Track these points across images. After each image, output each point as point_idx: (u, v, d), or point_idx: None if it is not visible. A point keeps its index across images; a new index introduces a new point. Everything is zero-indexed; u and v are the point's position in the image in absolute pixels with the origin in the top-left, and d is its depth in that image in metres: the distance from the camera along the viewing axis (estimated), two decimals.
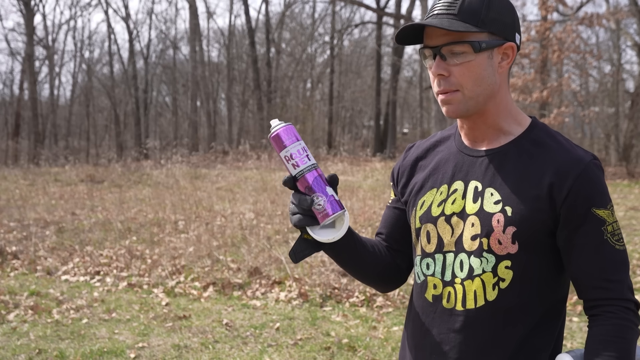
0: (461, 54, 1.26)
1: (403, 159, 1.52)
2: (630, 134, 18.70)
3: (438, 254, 1.35)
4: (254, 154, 20.56)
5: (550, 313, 1.32)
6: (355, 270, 1.46)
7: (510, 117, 1.35)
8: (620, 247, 1.26)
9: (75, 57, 37.01)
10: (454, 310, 1.32)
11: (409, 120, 39.45)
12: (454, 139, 1.43)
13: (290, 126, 1.28)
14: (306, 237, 1.34)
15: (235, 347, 4.30)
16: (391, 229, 1.52)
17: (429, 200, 1.39)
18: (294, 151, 1.27)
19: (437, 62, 1.28)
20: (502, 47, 1.29)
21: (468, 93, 1.29)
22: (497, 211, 1.28)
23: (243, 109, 32.34)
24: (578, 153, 1.28)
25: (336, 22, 31.06)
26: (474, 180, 1.34)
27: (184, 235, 7.96)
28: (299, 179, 1.27)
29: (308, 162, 1.27)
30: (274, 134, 1.28)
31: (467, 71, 1.27)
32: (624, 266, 1.26)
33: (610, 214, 1.26)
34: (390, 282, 1.54)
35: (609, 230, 1.25)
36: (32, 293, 5.53)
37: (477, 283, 1.29)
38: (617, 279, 1.25)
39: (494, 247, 1.28)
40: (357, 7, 30.41)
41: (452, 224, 1.34)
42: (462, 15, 1.26)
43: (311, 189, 1.27)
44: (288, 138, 1.27)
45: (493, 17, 1.27)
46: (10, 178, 15.41)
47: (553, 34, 15.71)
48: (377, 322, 4.79)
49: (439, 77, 1.29)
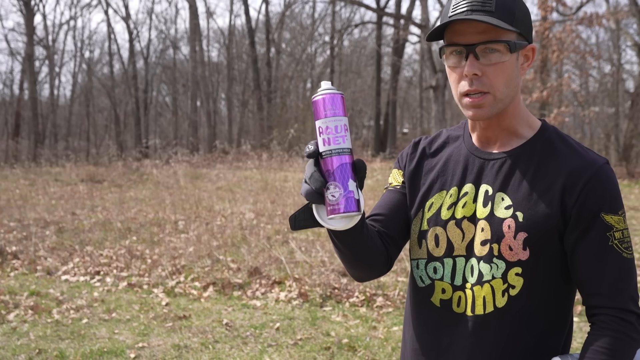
0: (496, 52, 1.22)
1: (412, 148, 1.45)
2: (630, 134, 18.70)
3: (447, 258, 1.32)
4: (255, 154, 20.56)
5: (558, 320, 1.30)
6: (348, 257, 1.29)
7: (523, 119, 1.32)
8: (628, 255, 1.21)
9: (75, 57, 37.04)
10: (464, 315, 1.29)
11: (409, 120, 39.45)
12: (463, 139, 1.39)
13: (339, 95, 1.13)
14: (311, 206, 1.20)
15: (235, 347, 4.30)
16: (391, 213, 1.39)
17: (437, 203, 1.35)
18: (332, 126, 1.11)
19: (471, 61, 1.22)
20: (525, 49, 1.27)
21: (499, 95, 1.24)
22: (507, 216, 1.25)
23: (243, 109, 32.35)
24: (591, 156, 1.25)
25: (336, 22, 31.08)
26: (485, 184, 1.30)
27: (184, 235, 7.96)
28: (324, 158, 1.12)
29: (342, 144, 1.11)
30: (318, 98, 1.13)
31: (501, 72, 1.23)
32: (629, 275, 1.21)
33: (621, 220, 1.22)
34: (373, 274, 1.38)
35: (617, 237, 1.21)
36: (32, 293, 5.53)
37: (487, 289, 1.26)
38: (619, 288, 1.20)
39: (504, 253, 1.24)
40: (357, 7, 30.41)
41: (463, 228, 1.30)
42: (499, 13, 1.20)
43: (332, 174, 1.11)
44: (331, 108, 1.11)
45: (521, 17, 1.24)
46: (10, 178, 15.41)
47: (553, 34, 15.71)
48: (377, 322, 4.79)
49: (473, 77, 1.23)
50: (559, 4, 16.34)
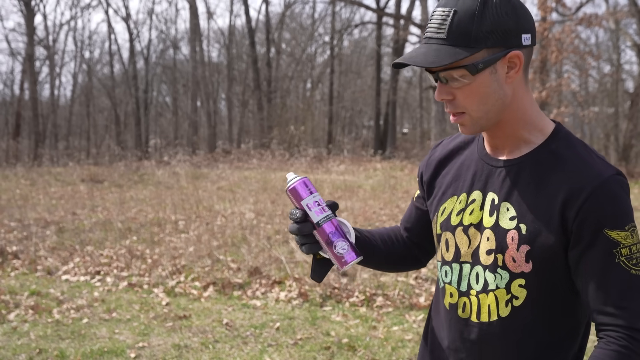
0: (459, 78, 1.20)
1: (429, 157, 1.48)
2: (630, 134, 18.71)
3: (455, 264, 1.33)
4: (256, 154, 20.58)
5: (568, 334, 1.28)
6: (373, 268, 1.58)
7: (530, 124, 1.27)
8: (637, 272, 1.16)
9: (75, 57, 37.06)
10: (469, 320, 1.30)
11: (409, 120, 39.43)
12: (477, 143, 1.38)
13: (305, 179, 1.34)
14: (319, 257, 1.38)
15: (235, 347, 4.31)
16: (412, 225, 1.54)
17: (449, 208, 1.36)
18: (315, 201, 1.33)
19: (439, 87, 1.23)
20: (505, 58, 1.19)
21: (475, 114, 1.23)
22: (512, 228, 1.23)
23: (243, 109, 32.36)
24: (596, 167, 1.19)
25: (336, 22, 31.05)
26: (492, 192, 1.29)
27: (184, 235, 7.97)
28: (321, 225, 1.32)
29: (327, 212, 1.33)
30: (293, 186, 1.34)
31: (470, 93, 1.21)
32: (638, 293, 1.16)
33: (629, 235, 1.15)
34: (406, 268, 1.62)
35: (624, 254, 1.15)
36: (33, 293, 5.54)
37: (491, 298, 1.26)
38: (626, 306, 1.15)
39: (508, 264, 1.23)
40: (357, 7, 30.42)
41: (470, 235, 1.30)
42: (451, 39, 1.17)
43: (334, 234, 1.33)
44: (307, 189, 1.33)
45: (488, 30, 1.17)
46: (11, 178, 15.42)
47: (552, 34, 15.72)
48: (377, 322, 4.80)
49: (444, 101, 1.24)
50: (558, 5, 16.35)
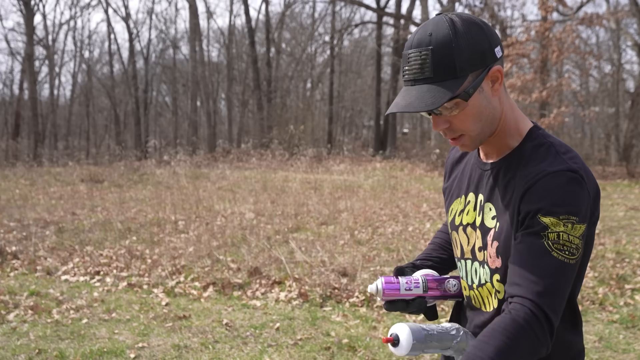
0: (453, 107, 1.25)
1: (447, 158, 1.60)
2: (631, 134, 18.69)
3: (462, 260, 1.46)
4: (256, 154, 20.57)
5: None
6: None
7: (513, 129, 1.34)
8: (561, 256, 1.19)
9: (75, 57, 37.12)
10: (480, 310, 1.41)
11: (409, 120, 39.42)
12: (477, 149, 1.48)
13: (382, 280, 1.45)
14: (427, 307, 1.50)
15: (235, 347, 4.30)
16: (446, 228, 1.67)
17: (454, 209, 1.49)
18: (403, 290, 1.45)
19: (435, 120, 1.29)
20: (488, 76, 1.25)
21: (473, 133, 1.30)
22: (492, 226, 1.34)
23: (243, 109, 32.37)
24: (549, 163, 1.24)
25: (336, 22, 31.09)
26: (481, 194, 1.40)
27: (184, 235, 7.96)
28: (426, 293, 1.46)
29: (418, 283, 1.46)
30: (384, 295, 1.45)
31: (465, 117, 1.27)
32: (554, 274, 1.19)
33: (560, 223, 1.19)
34: None
35: (551, 238, 1.19)
36: (32, 293, 5.53)
37: (485, 291, 1.38)
38: (538, 282, 1.18)
39: (487, 261, 1.35)
40: (357, 7, 30.43)
41: (468, 233, 1.42)
42: (439, 76, 1.21)
43: (438, 288, 1.47)
44: (392, 289, 1.44)
45: (467, 55, 1.21)
46: (10, 178, 15.41)
47: (553, 34, 15.72)
48: (377, 322, 4.79)
49: (442, 130, 1.30)
50: (559, 4, 16.36)
